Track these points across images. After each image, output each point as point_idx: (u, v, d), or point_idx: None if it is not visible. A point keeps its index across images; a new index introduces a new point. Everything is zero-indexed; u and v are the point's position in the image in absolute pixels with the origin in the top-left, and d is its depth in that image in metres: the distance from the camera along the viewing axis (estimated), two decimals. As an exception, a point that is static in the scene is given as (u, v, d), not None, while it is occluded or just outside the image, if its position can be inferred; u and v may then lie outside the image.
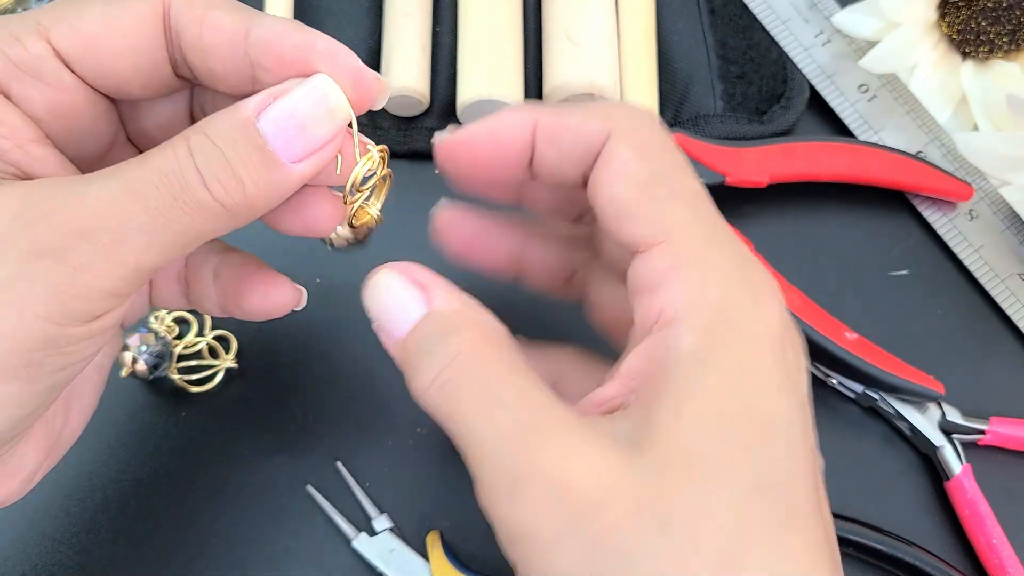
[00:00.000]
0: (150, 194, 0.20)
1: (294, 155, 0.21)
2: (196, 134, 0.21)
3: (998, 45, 0.40)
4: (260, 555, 0.32)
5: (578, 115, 0.23)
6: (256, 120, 0.21)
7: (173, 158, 0.20)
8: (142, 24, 0.22)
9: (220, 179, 0.21)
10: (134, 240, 0.20)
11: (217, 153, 0.20)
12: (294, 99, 0.21)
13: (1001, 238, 0.38)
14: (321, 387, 0.35)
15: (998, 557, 0.33)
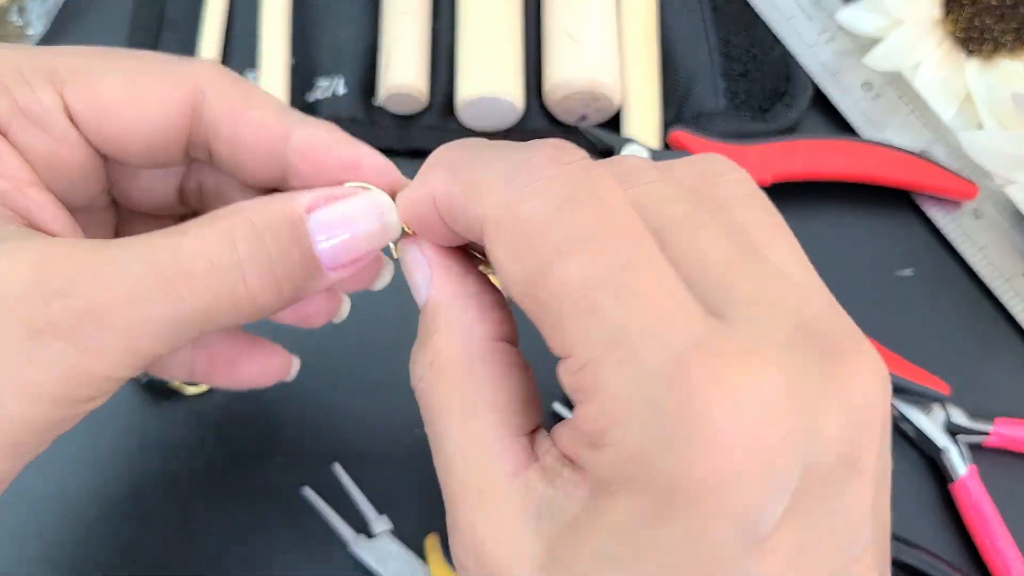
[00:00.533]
0: (178, 280, 0.19)
1: (336, 263, 0.21)
2: (242, 223, 0.19)
3: (1003, 43, 0.40)
4: (257, 557, 0.32)
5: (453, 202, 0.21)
6: (307, 220, 0.20)
7: (211, 243, 0.19)
8: (167, 107, 0.21)
9: (260, 276, 0.19)
10: (152, 329, 0.19)
11: (262, 249, 0.19)
12: (353, 207, 0.21)
13: (1006, 237, 0.38)
14: (318, 388, 0.34)
15: (1003, 560, 0.32)
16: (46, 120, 0.21)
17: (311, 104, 0.39)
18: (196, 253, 0.19)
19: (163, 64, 0.22)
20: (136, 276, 0.18)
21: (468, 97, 0.37)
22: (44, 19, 0.40)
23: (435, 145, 0.41)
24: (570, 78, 0.37)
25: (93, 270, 0.18)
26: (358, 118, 0.39)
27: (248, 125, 0.21)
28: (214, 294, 0.19)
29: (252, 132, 0.21)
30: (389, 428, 0.34)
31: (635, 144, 0.36)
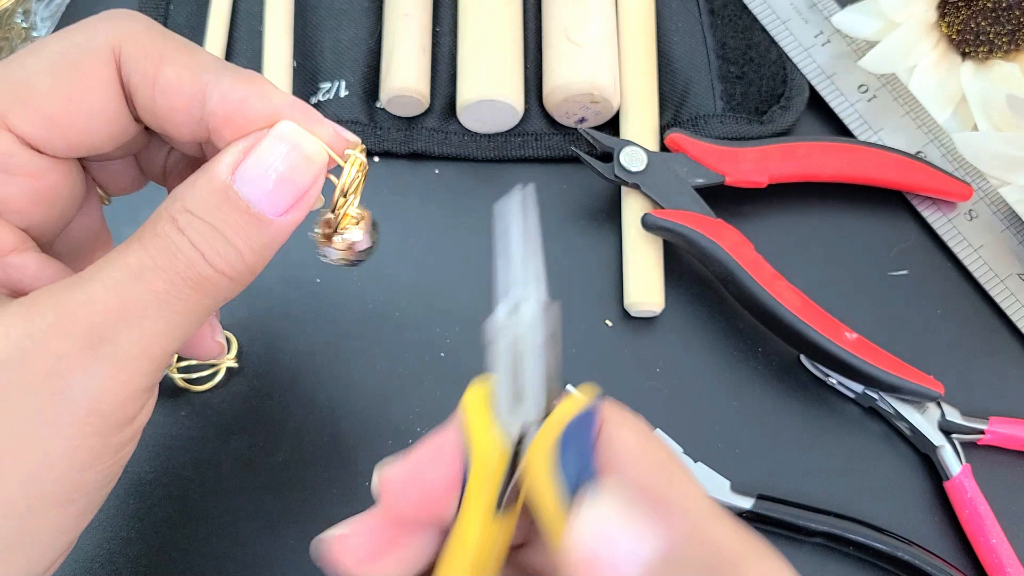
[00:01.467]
0: (155, 279, 0.19)
1: (279, 208, 0.21)
2: (181, 213, 0.20)
3: (998, 45, 0.40)
4: (256, 556, 0.32)
5: None
6: (233, 183, 0.20)
7: (168, 240, 0.20)
8: (99, 91, 0.20)
9: (219, 252, 0.20)
10: (152, 327, 0.19)
11: (207, 228, 0.20)
12: (265, 152, 0.21)
13: (1000, 238, 0.38)
14: (321, 386, 0.35)
15: (997, 557, 0.33)
16: (9, 163, 0.20)
17: (314, 106, 0.39)
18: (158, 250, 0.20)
19: (76, 42, 0.20)
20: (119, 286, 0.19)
21: (469, 100, 0.37)
22: (49, 21, 0.40)
23: (436, 147, 0.42)
24: (569, 81, 0.37)
25: (80, 299, 0.19)
26: (360, 120, 0.39)
27: (162, 89, 0.21)
28: (190, 280, 0.20)
29: (166, 96, 0.21)
30: (391, 426, 0.34)
31: (633, 146, 0.37)
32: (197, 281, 0.20)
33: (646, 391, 0.36)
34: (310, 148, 0.21)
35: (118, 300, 0.19)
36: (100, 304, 0.19)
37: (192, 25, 0.41)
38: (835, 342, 0.33)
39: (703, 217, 0.35)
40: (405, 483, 0.20)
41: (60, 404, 0.18)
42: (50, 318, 0.18)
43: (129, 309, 0.19)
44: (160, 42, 0.21)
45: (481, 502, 0.19)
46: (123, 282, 0.19)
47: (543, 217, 0.40)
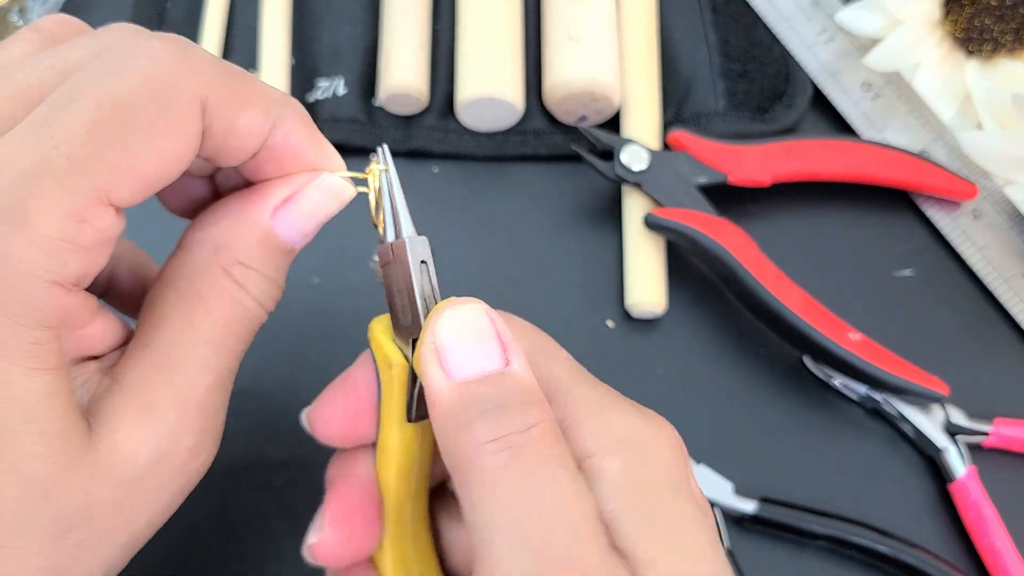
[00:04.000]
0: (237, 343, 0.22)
1: (301, 244, 0.23)
2: (235, 266, 0.21)
3: (1003, 43, 0.40)
4: (256, 556, 0.32)
5: None
6: (274, 227, 0.22)
7: (234, 300, 0.21)
8: (190, 145, 0.20)
9: (268, 295, 0.22)
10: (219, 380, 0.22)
11: (262, 278, 0.22)
12: (312, 203, 0.23)
13: (1006, 237, 0.38)
14: (320, 385, 0.34)
15: (1002, 560, 0.32)
16: (109, 239, 0.19)
17: (311, 104, 0.39)
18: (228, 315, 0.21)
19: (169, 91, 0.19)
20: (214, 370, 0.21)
21: (468, 98, 0.37)
22: (44, 19, 0.40)
23: (435, 145, 0.42)
24: (570, 78, 0.37)
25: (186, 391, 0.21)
26: (358, 118, 0.39)
27: (236, 134, 0.21)
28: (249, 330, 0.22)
29: (239, 139, 0.21)
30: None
31: (635, 145, 0.36)
32: (251, 328, 0.22)
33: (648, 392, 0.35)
34: (347, 195, 0.23)
35: (214, 378, 0.21)
36: (203, 386, 0.21)
37: (189, 21, 0.40)
38: (839, 343, 0.33)
39: (705, 216, 0.35)
40: (325, 414, 0.24)
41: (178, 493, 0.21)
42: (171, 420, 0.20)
43: (222, 379, 0.21)
44: (235, 85, 0.21)
45: (392, 412, 0.23)
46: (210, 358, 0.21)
47: (543, 217, 0.40)
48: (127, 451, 0.19)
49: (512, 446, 0.19)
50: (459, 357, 0.20)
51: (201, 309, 0.21)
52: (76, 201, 0.18)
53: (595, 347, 0.36)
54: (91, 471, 0.19)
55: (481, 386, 0.20)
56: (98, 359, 0.21)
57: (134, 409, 0.20)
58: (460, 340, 0.21)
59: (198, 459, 0.21)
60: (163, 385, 0.20)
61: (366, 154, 0.39)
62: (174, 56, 0.20)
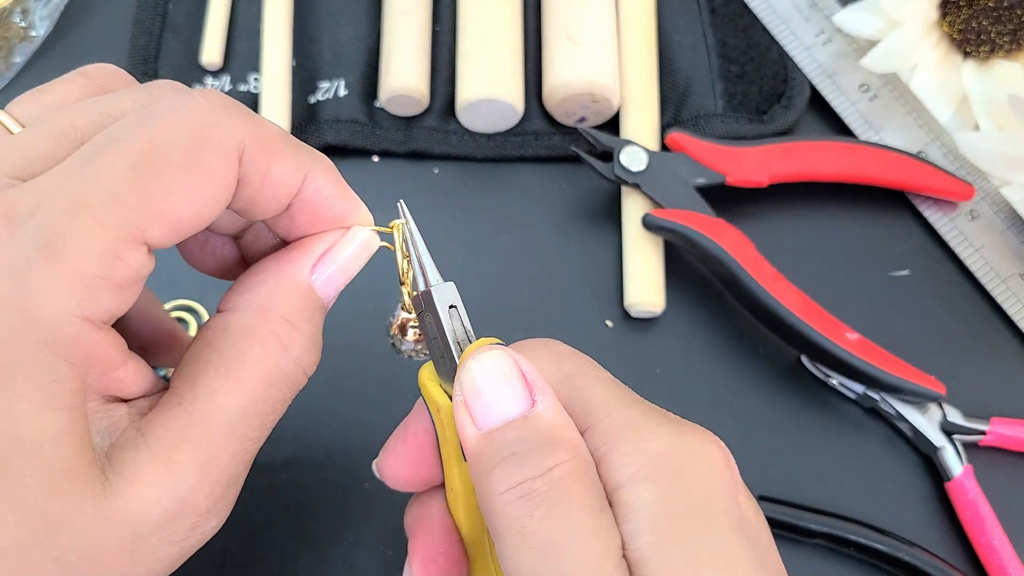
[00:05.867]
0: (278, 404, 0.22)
1: (334, 298, 0.23)
2: (281, 324, 0.21)
3: (999, 44, 0.40)
4: (255, 556, 0.32)
5: None
6: (313, 283, 0.22)
7: (276, 360, 0.21)
8: (225, 192, 0.20)
9: (309, 355, 0.22)
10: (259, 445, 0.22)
11: (307, 339, 0.22)
12: (346, 257, 0.23)
13: (1002, 238, 0.38)
14: (320, 386, 0.35)
15: (999, 558, 0.33)
16: (141, 278, 0.20)
17: (313, 106, 0.39)
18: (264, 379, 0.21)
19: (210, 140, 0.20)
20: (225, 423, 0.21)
21: (468, 99, 0.37)
22: (47, 21, 0.40)
23: (436, 146, 0.42)
24: (569, 80, 0.37)
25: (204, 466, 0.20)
26: (359, 119, 0.39)
27: (270, 183, 0.21)
28: (289, 396, 0.22)
29: (272, 189, 0.21)
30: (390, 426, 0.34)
31: (634, 146, 0.36)
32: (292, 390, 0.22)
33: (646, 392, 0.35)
34: (375, 246, 0.24)
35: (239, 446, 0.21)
36: (227, 453, 0.21)
37: (190, 24, 0.40)
38: (836, 342, 0.33)
39: (704, 217, 0.35)
40: (390, 462, 0.25)
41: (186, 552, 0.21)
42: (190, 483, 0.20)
43: (247, 448, 0.21)
44: (271, 137, 0.21)
45: (451, 453, 0.23)
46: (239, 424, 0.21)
47: (543, 217, 0.40)
48: (141, 506, 0.19)
49: (531, 492, 0.19)
50: (486, 405, 0.21)
51: (239, 372, 0.21)
52: (113, 237, 0.18)
53: (594, 346, 0.36)
54: (101, 518, 0.19)
55: (505, 433, 0.20)
56: (127, 403, 0.21)
57: (155, 465, 0.20)
58: (485, 388, 0.21)
59: (210, 523, 0.21)
60: (188, 447, 0.20)
61: (368, 155, 0.39)
62: (215, 106, 0.20)
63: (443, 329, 0.22)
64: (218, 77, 0.40)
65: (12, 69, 0.39)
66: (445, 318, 0.22)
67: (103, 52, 0.40)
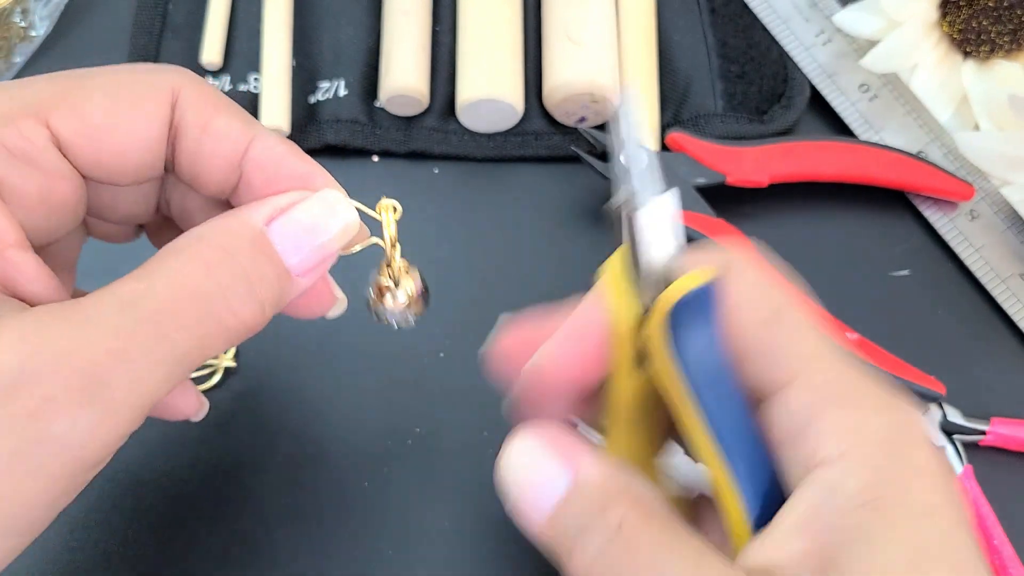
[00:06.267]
0: (168, 322, 0.18)
1: (303, 269, 0.21)
2: (213, 250, 0.19)
3: (999, 44, 0.40)
4: (255, 556, 0.32)
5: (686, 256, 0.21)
6: (267, 232, 0.20)
7: (191, 277, 0.19)
8: (149, 121, 0.21)
9: (242, 298, 0.19)
10: (152, 375, 0.18)
11: (240, 272, 0.19)
12: (310, 212, 0.21)
13: (1002, 238, 0.38)
14: (319, 386, 0.35)
15: (999, 559, 0.33)
16: (36, 157, 0.20)
17: (313, 106, 0.39)
18: (175, 290, 0.19)
19: (140, 75, 0.21)
20: (124, 329, 0.18)
21: (468, 99, 0.37)
22: (47, 21, 0.40)
23: (436, 146, 0.42)
24: (569, 80, 0.37)
25: (78, 333, 0.18)
26: (359, 119, 0.39)
27: (212, 136, 0.21)
28: (203, 326, 0.19)
29: (215, 142, 0.21)
30: (390, 427, 0.34)
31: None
32: (208, 326, 0.19)
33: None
34: (350, 218, 0.22)
35: (122, 344, 0.18)
36: (102, 346, 0.18)
37: (190, 24, 0.40)
38: (836, 342, 0.33)
39: (704, 217, 0.35)
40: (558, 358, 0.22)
41: (36, 446, 0.17)
42: (46, 355, 0.18)
43: (132, 355, 0.18)
44: (215, 95, 0.22)
45: (623, 359, 0.21)
46: (130, 322, 0.18)
47: (543, 217, 0.40)
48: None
49: (610, 559, 0.18)
50: (534, 498, 0.20)
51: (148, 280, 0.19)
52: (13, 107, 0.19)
53: (594, 347, 0.36)
54: None
55: (565, 516, 0.19)
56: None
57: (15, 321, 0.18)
58: (525, 483, 0.20)
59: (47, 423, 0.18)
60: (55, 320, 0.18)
61: (367, 155, 0.39)
62: (162, 65, 0.21)
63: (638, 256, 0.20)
64: (218, 77, 0.40)
65: (12, 69, 0.40)
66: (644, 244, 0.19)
67: (103, 52, 0.40)
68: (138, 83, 0.21)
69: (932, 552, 0.17)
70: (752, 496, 0.19)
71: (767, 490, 0.19)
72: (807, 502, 0.18)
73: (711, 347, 0.20)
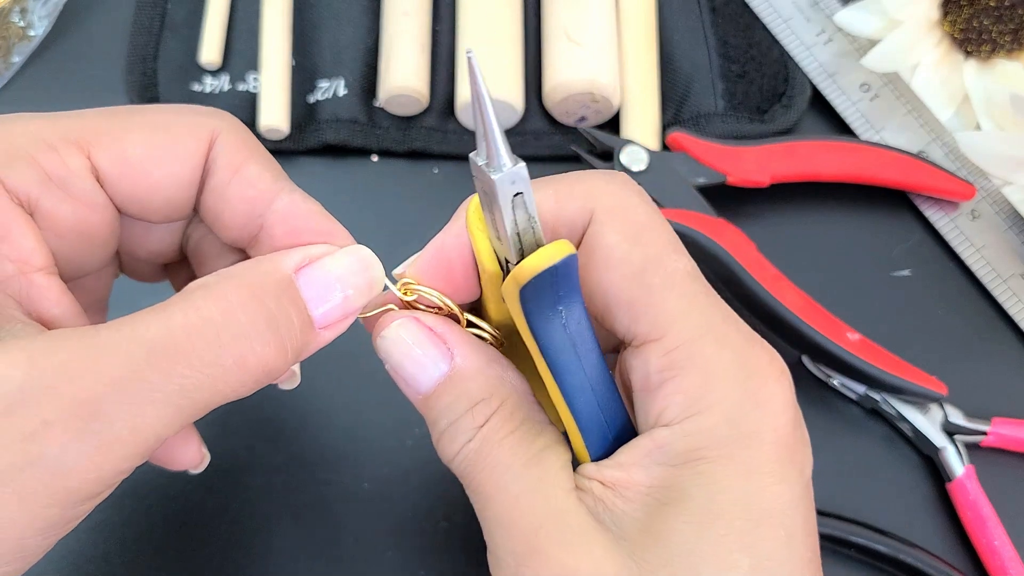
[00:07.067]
0: (179, 357, 0.18)
1: (327, 321, 0.21)
2: (238, 289, 0.19)
3: (1001, 44, 0.40)
4: (255, 556, 0.32)
5: (555, 197, 0.21)
6: (296, 279, 0.20)
7: (212, 313, 0.18)
8: (186, 160, 0.21)
9: (267, 341, 0.19)
10: (155, 414, 0.18)
11: (264, 313, 0.19)
12: (340, 265, 0.21)
13: (1003, 238, 0.38)
14: (320, 386, 0.35)
15: (1000, 559, 0.33)
16: (74, 185, 0.20)
17: (312, 105, 0.39)
18: (192, 324, 0.18)
19: (183, 115, 0.22)
20: (131, 359, 0.17)
21: (468, 99, 0.37)
22: (46, 21, 0.40)
23: (435, 146, 0.42)
24: (570, 80, 0.37)
25: (86, 359, 0.17)
26: (358, 119, 0.39)
27: (242, 179, 0.21)
28: (219, 364, 0.18)
29: (243, 186, 0.21)
30: (390, 427, 0.34)
31: (634, 146, 0.36)
32: (226, 366, 0.18)
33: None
34: (376, 276, 0.22)
35: (127, 375, 0.17)
36: (107, 375, 0.17)
37: (189, 24, 0.40)
38: (837, 343, 0.33)
39: (704, 217, 0.35)
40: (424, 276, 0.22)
41: (28, 468, 0.17)
42: (50, 378, 0.17)
43: (137, 388, 0.17)
44: (251, 141, 0.22)
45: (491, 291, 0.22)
46: (139, 356, 0.18)
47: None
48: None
49: (469, 454, 0.20)
50: (410, 374, 0.21)
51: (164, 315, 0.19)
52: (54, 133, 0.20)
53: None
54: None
55: (439, 399, 0.21)
56: None
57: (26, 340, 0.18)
58: (402, 360, 0.21)
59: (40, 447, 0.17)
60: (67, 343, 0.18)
61: (367, 154, 0.39)
62: (206, 108, 0.22)
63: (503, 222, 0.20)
64: (217, 76, 0.39)
65: (11, 69, 0.39)
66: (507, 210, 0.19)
67: (102, 52, 0.40)
68: (180, 122, 0.21)
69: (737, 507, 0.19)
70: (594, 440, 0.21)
71: (616, 433, 0.21)
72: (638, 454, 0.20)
73: (567, 317, 0.20)
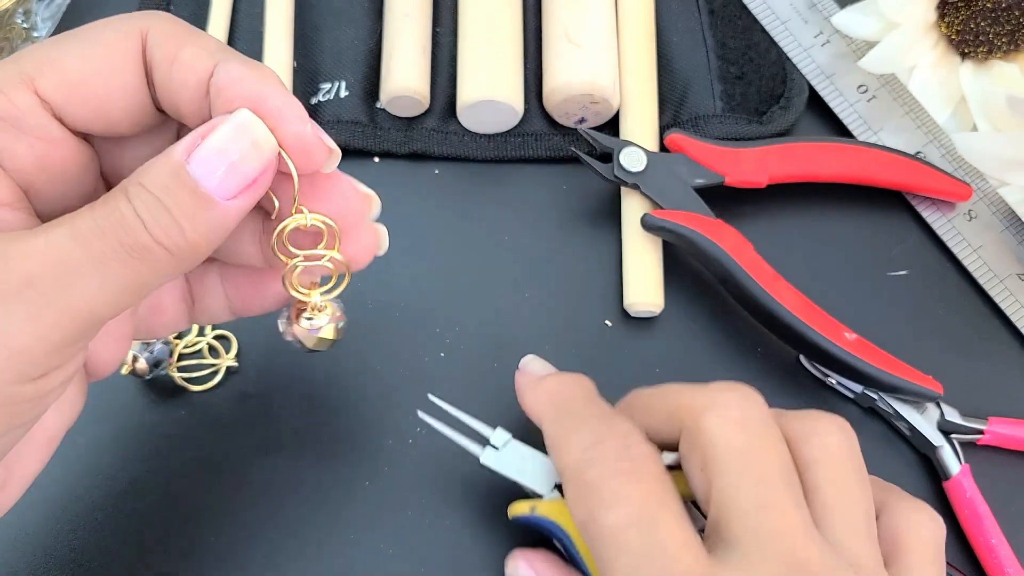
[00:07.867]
0: (94, 239, 0.20)
1: (228, 192, 0.21)
2: (132, 184, 0.21)
3: (997, 45, 0.40)
4: (256, 556, 0.32)
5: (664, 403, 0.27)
6: (187, 163, 0.21)
7: (114, 206, 0.20)
8: (123, 63, 0.22)
9: (160, 224, 0.21)
10: (82, 285, 0.20)
11: (153, 200, 0.21)
12: (219, 137, 0.21)
13: (1000, 238, 0.38)
14: (320, 386, 0.35)
15: (997, 557, 0.33)
16: (28, 122, 0.21)
17: (314, 107, 0.39)
18: (103, 214, 0.20)
19: (110, 24, 0.23)
20: (58, 240, 0.20)
21: (469, 100, 0.37)
22: (50, 22, 0.40)
23: (436, 147, 0.42)
24: (569, 81, 0.37)
25: (20, 246, 0.20)
26: (360, 120, 0.39)
27: (179, 66, 0.22)
28: (127, 247, 0.20)
29: (183, 72, 0.22)
30: (391, 426, 0.34)
31: (633, 146, 0.37)
32: (135, 248, 0.20)
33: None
34: (260, 136, 0.22)
35: (54, 254, 0.20)
36: (37, 256, 0.20)
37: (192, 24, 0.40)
38: (834, 342, 0.33)
39: (703, 217, 0.35)
40: None
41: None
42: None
43: (64, 264, 0.20)
44: (183, 29, 0.23)
45: None
46: (62, 237, 0.20)
47: (543, 217, 0.40)
48: None
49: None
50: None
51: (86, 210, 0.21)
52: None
53: (594, 346, 0.36)
54: None
55: None
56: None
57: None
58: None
59: None
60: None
61: (368, 156, 0.39)
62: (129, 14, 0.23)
63: None
64: (219, 78, 0.40)
65: (14, 70, 0.40)
66: None
67: (105, 53, 0.40)
68: (109, 31, 0.22)
69: None
70: None
71: None
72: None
73: None
